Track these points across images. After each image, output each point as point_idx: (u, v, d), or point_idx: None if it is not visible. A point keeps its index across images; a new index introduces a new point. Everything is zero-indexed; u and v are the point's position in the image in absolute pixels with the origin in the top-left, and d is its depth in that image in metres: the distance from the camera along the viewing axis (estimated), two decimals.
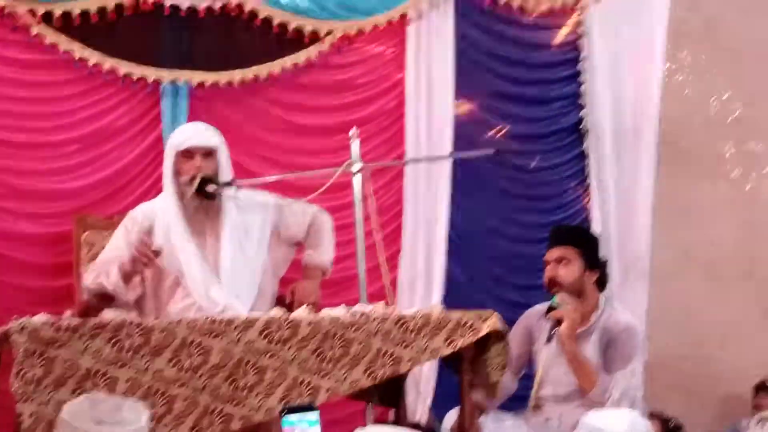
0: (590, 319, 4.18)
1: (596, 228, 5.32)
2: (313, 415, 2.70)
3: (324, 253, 4.18)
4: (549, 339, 4.00)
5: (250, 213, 4.07)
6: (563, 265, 4.17)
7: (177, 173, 3.96)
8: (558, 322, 4.00)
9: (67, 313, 3.39)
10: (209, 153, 3.97)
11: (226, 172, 4.00)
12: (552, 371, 4.15)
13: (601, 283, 4.26)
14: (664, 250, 5.65)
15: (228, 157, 4.06)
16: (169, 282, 3.93)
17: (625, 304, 5.08)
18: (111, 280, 3.83)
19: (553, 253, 4.22)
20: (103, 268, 3.89)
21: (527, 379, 4.38)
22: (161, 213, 3.98)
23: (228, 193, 3.97)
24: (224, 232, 3.96)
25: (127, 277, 3.83)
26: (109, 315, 3.33)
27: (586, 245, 4.25)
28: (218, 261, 3.94)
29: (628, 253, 5.42)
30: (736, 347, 5.75)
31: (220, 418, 3.27)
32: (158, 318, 3.82)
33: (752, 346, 5.75)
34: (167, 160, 4.00)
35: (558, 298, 4.04)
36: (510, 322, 3.84)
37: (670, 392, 5.58)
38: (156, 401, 3.20)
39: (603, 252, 4.45)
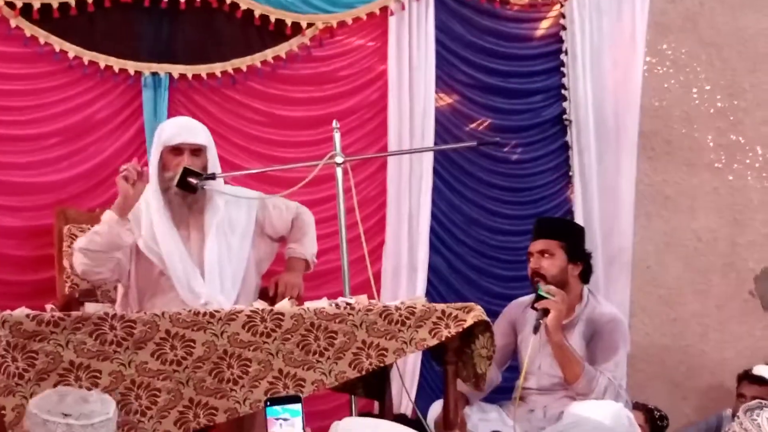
0: (574, 310, 4.19)
1: (579, 219, 5.33)
2: (297, 406, 2.69)
3: (307, 247, 4.18)
4: (535, 330, 4.00)
5: (235, 207, 4.07)
6: (546, 258, 4.18)
7: (163, 168, 3.94)
8: (544, 313, 4.00)
9: (49, 306, 3.36)
10: (198, 150, 3.96)
11: (215, 168, 3.99)
12: (537, 362, 4.15)
13: (585, 276, 4.27)
14: (646, 240, 5.68)
15: (216, 155, 4.05)
16: (153, 275, 3.92)
17: (608, 295, 5.13)
18: (105, 220, 3.84)
19: (537, 245, 4.23)
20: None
21: (511, 371, 4.39)
22: (145, 205, 3.96)
23: (212, 186, 3.95)
24: (209, 225, 3.95)
25: (122, 213, 3.83)
26: (91, 308, 3.31)
27: (570, 238, 4.26)
28: (202, 255, 3.93)
29: (611, 243, 5.44)
30: (717, 337, 5.77)
31: (205, 410, 3.25)
32: (141, 311, 3.81)
33: (734, 336, 5.78)
34: (154, 155, 3.99)
35: (544, 289, 4.04)
36: (493, 313, 3.84)
37: (652, 383, 5.60)
38: (140, 394, 3.18)
39: (586, 243, 4.45)
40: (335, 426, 1.81)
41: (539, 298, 4.03)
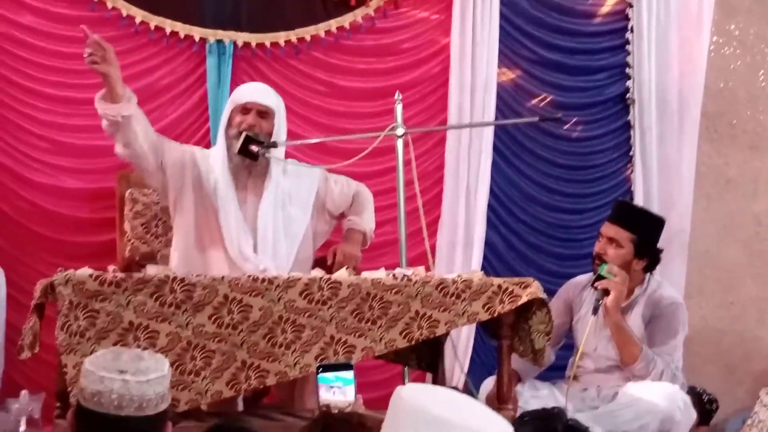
0: (634, 292, 4.15)
1: (638, 199, 5.29)
2: (349, 374, 2.70)
3: (366, 221, 4.21)
4: (595, 311, 3.96)
5: (296, 179, 4.11)
6: (613, 246, 4.10)
7: (229, 125, 4.00)
8: (604, 293, 3.97)
9: (112, 267, 3.42)
10: (265, 113, 4.01)
11: (280, 136, 4.03)
12: (594, 344, 4.12)
13: (649, 268, 4.21)
14: (705, 223, 5.60)
15: (284, 122, 4.09)
16: (208, 230, 3.97)
17: (664, 276, 5.06)
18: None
19: (609, 230, 4.13)
20: None
21: (565, 349, 4.38)
22: (213, 159, 4.03)
23: (273, 155, 3.99)
24: (267, 193, 3.99)
25: (111, 95, 3.83)
26: (152, 270, 3.36)
27: (643, 232, 4.14)
28: (256, 221, 3.97)
29: (670, 224, 5.27)
30: None
31: (257, 373, 3.31)
32: (192, 267, 3.87)
33: None
34: (225, 113, 4.06)
35: (606, 268, 3.99)
36: (548, 291, 3.82)
37: (707, 366, 5.55)
38: (195, 355, 3.25)
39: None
40: (399, 389, 1.85)
41: (600, 278, 3.99)
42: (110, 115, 3.82)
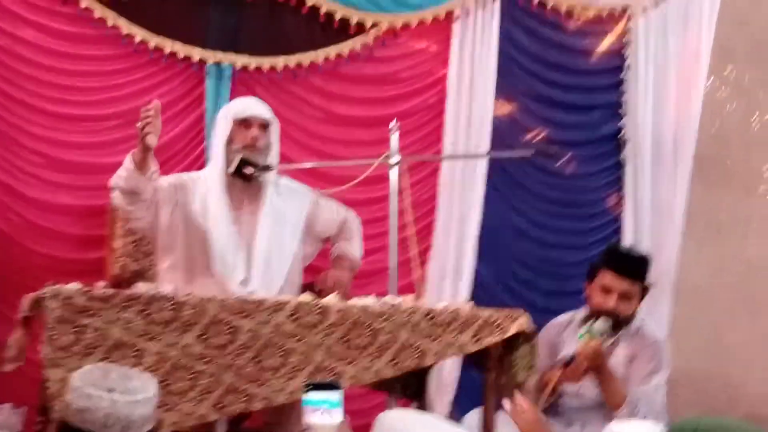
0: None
1: (628, 238, 5.30)
2: (336, 395, 2.65)
3: (355, 248, 4.22)
4: (566, 365, 3.94)
5: (288, 200, 4.11)
6: (626, 301, 4.01)
7: (230, 141, 3.99)
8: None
9: (100, 283, 3.41)
10: (265, 126, 4.03)
11: (275, 150, 4.06)
12: (578, 385, 4.10)
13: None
14: (695, 265, 5.61)
15: (278, 135, 4.12)
16: (201, 249, 3.96)
17: (650, 316, 5.06)
18: (126, 165, 3.89)
19: (621, 285, 4.00)
20: None
21: None
22: (203, 181, 4.02)
23: (268, 177, 3.99)
24: (262, 213, 3.99)
25: (139, 164, 3.85)
26: (142, 288, 3.35)
27: (646, 278, 4.11)
28: (252, 239, 3.97)
29: (659, 265, 5.31)
30: (762, 370, 5.69)
31: (243, 397, 3.29)
32: (188, 287, 3.85)
33: None
34: (223, 128, 4.05)
35: (597, 326, 3.94)
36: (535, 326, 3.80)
37: (691, 409, 5.51)
38: (182, 376, 3.22)
39: None
40: (381, 416, 1.84)
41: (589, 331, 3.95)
42: (140, 189, 3.85)
